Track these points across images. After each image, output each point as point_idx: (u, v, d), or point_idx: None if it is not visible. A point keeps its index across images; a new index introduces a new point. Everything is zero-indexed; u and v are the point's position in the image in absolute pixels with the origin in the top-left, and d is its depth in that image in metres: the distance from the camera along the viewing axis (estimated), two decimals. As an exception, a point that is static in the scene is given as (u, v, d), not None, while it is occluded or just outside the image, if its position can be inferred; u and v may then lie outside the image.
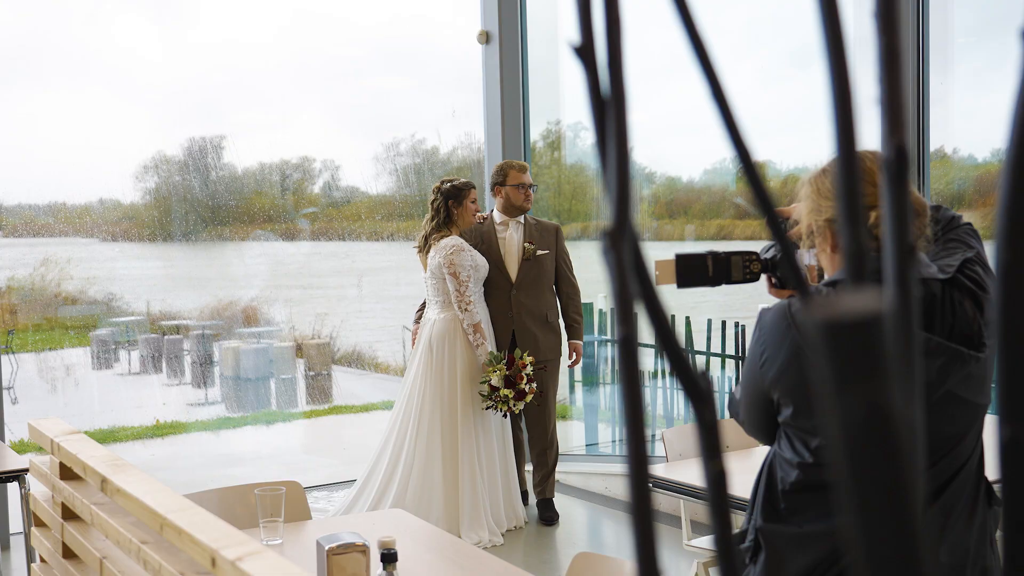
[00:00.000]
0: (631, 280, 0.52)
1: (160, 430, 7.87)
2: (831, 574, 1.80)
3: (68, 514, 2.51)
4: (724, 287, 2.20)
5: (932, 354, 1.77)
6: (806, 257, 2.18)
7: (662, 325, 0.52)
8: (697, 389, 0.53)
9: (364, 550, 2.43)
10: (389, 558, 2.31)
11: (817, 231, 1.94)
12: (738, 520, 3.80)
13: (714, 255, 2.12)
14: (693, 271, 2.12)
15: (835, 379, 0.43)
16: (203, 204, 8.09)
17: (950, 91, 5.39)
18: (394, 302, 9.29)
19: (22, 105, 7.85)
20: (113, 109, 8.32)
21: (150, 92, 8.31)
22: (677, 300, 7.39)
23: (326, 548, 2.41)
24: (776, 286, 2.19)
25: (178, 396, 8.34)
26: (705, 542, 3.64)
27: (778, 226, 0.55)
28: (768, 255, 2.22)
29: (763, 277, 2.23)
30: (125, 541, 2.12)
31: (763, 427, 1.97)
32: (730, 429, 3.80)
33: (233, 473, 6.91)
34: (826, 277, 1.99)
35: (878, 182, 1.68)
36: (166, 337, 8.32)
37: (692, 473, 3.46)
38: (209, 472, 7.11)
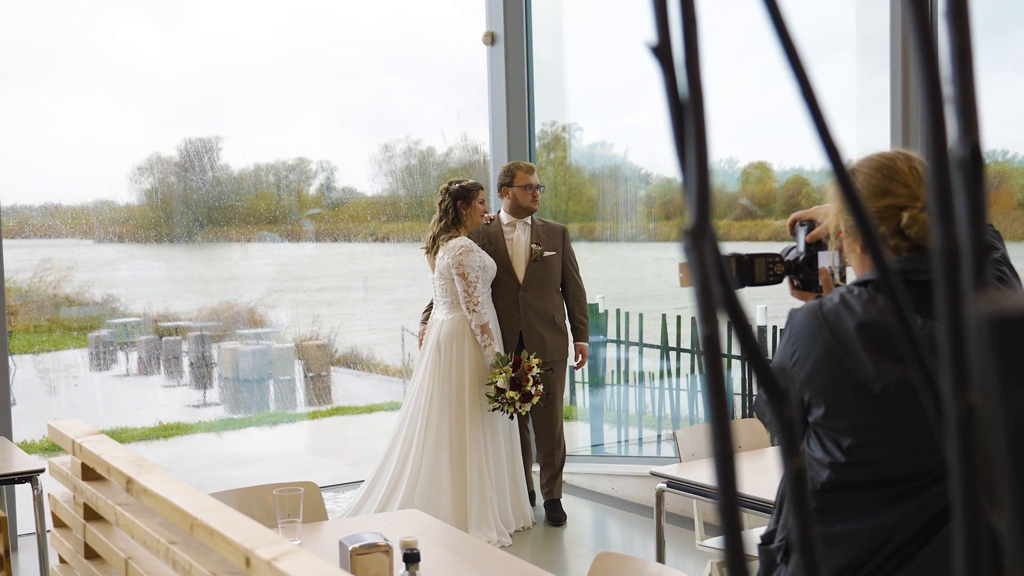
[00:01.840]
0: (713, 279, 0.53)
1: (166, 431, 7.87)
2: (864, 572, 1.81)
3: (89, 514, 2.51)
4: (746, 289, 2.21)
5: None
6: (823, 259, 2.18)
7: (742, 324, 0.53)
8: (775, 387, 0.54)
9: (387, 550, 2.44)
10: (412, 558, 2.31)
11: (847, 231, 1.95)
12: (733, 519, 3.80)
13: (737, 257, 2.12)
14: None
15: (1003, 375, 0.44)
16: (200, 205, 8.08)
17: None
18: (393, 304, 9.29)
19: (17, 104, 7.83)
20: (110, 109, 8.31)
21: (148, 92, 8.29)
22: (680, 303, 7.40)
23: (349, 548, 2.42)
24: (799, 288, 2.20)
25: (177, 398, 8.33)
26: (719, 542, 3.64)
27: (867, 223, 0.56)
28: (790, 257, 2.23)
29: (785, 279, 2.24)
30: (152, 541, 2.12)
31: None
32: (742, 429, 3.82)
33: (239, 475, 6.91)
34: (852, 277, 2.00)
35: (909, 183, 1.68)
36: (164, 338, 8.30)
37: (705, 473, 3.47)
38: (215, 473, 7.11)
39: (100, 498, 2.38)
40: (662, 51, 0.53)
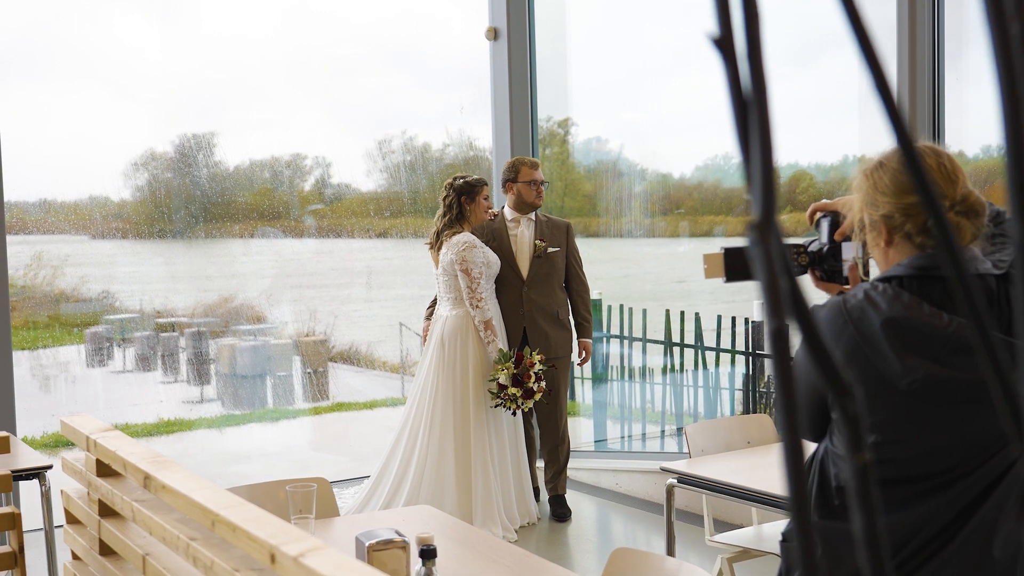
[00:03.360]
0: (780, 273, 0.52)
1: (169, 427, 7.85)
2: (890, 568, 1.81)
3: (104, 511, 2.50)
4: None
5: None
6: (847, 251, 2.18)
7: (805, 317, 0.53)
8: (840, 382, 0.53)
9: (404, 546, 2.43)
10: (428, 554, 2.31)
11: (871, 226, 1.94)
12: (744, 516, 3.81)
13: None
14: (741, 265, 2.12)
15: None
16: (198, 201, 8.06)
17: (947, 88, 5.43)
18: (393, 300, 9.28)
19: (15, 100, 7.80)
20: (106, 105, 8.28)
21: (144, 89, 8.26)
22: (686, 300, 7.40)
23: (367, 544, 2.41)
24: (822, 279, 2.19)
25: (175, 394, 8.31)
26: (728, 538, 3.64)
27: (939, 211, 0.55)
28: (813, 248, 2.23)
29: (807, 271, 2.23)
30: (172, 538, 2.11)
31: (814, 424, 1.97)
32: (752, 425, 3.82)
33: (242, 470, 6.89)
34: (877, 272, 2.00)
35: (937, 179, 1.68)
36: (162, 334, 8.28)
37: (715, 468, 3.47)
38: (218, 469, 7.10)
39: (116, 494, 2.37)
40: (724, 44, 0.52)
